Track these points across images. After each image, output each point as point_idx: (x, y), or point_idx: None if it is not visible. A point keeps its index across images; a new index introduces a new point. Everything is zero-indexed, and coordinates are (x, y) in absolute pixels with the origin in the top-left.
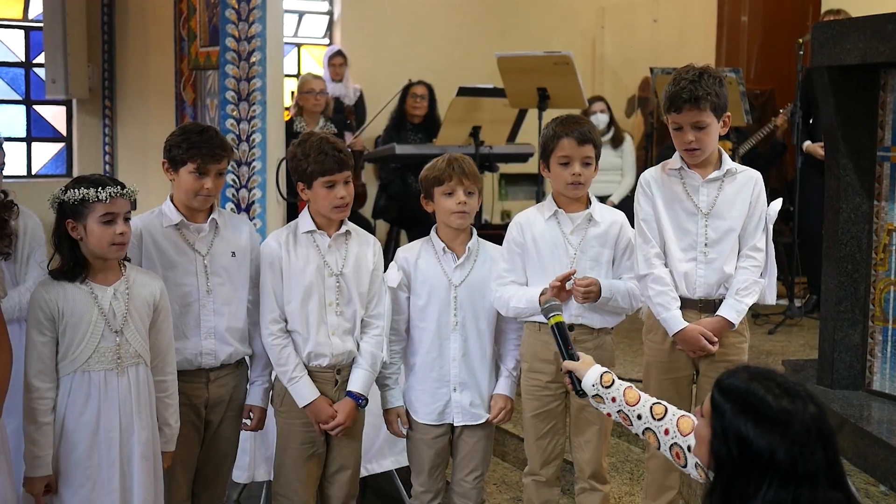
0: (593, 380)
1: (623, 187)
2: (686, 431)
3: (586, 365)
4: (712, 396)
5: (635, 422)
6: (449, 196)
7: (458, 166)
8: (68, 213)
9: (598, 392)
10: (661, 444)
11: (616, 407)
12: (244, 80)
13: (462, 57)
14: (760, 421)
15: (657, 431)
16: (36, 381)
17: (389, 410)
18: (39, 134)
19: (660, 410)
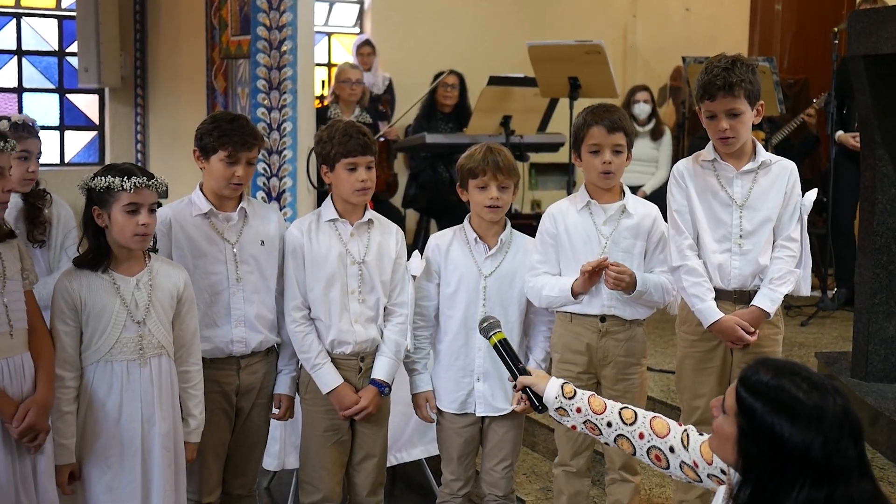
0: (555, 392)
1: (656, 179)
2: (662, 433)
3: (543, 378)
4: (739, 394)
5: (605, 430)
6: (482, 190)
7: (492, 160)
8: (95, 199)
9: (560, 405)
10: (636, 449)
11: (582, 418)
12: (275, 68)
13: (493, 46)
14: (795, 418)
15: (630, 437)
16: (59, 370)
17: (418, 395)
18: (72, 122)
19: (629, 415)
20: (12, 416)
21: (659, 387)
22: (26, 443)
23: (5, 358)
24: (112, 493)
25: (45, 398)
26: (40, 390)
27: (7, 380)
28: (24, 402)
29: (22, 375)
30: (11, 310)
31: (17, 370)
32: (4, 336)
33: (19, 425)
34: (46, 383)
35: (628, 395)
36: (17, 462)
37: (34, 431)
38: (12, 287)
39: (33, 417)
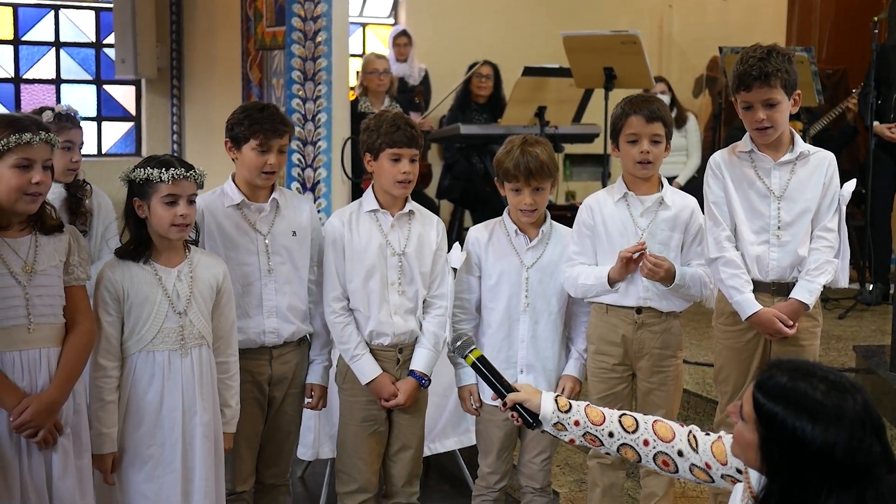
0: (551, 407)
1: (689, 168)
2: (667, 437)
3: (534, 393)
4: (756, 400)
5: (606, 440)
6: (516, 193)
7: (524, 165)
8: (135, 191)
9: (558, 419)
10: (641, 456)
11: (580, 431)
12: (310, 59)
13: (527, 36)
14: (815, 420)
15: (634, 445)
16: (102, 359)
17: (462, 388)
18: (109, 113)
19: (630, 422)
20: (12, 409)
21: (694, 379)
22: (26, 437)
23: (19, 350)
24: (153, 483)
25: (52, 397)
26: (50, 388)
27: (18, 373)
28: (26, 399)
29: (37, 370)
30: (34, 304)
31: (33, 364)
32: (21, 329)
33: (16, 419)
34: (60, 382)
35: (663, 387)
36: (25, 458)
37: (32, 427)
38: (41, 281)
39: (30, 414)
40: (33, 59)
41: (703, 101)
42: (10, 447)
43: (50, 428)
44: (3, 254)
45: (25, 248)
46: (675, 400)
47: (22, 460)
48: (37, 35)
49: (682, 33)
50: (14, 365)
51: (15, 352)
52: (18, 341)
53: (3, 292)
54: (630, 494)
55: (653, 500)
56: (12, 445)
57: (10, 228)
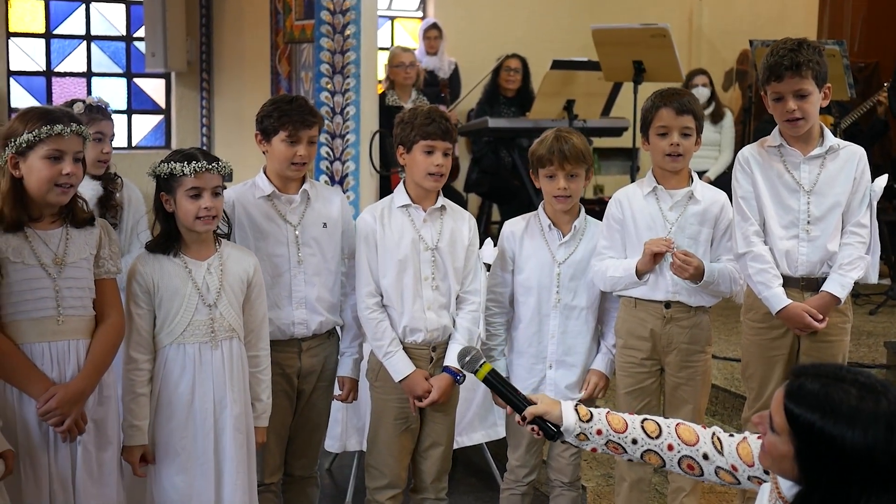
0: (574, 418)
1: (720, 164)
2: (691, 441)
3: (553, 405)
4: (789, 412)
5: (629, 448)
6: (550, 179)
7: (559, 149)
8: (162, 185)
9: (581, 430)
10: (665, 461)
11: (602, 440)
12: (338, 53)
13: (556, 29)
14: (854, 425)
15: (658, 450)
16: (134, 352)
17: None
18: (139, 106)
19: (653, 428)
20: (39, 397)
21: (723, 374)
22: (51, 424)
23: (48, 342)
24: (185, 475)
25: (79, 387)
26: (77, 378)
27: (48, 363)
28: (53, 387)
29: (65, 361)
30: (63, 296)
31: (62, 355)
32: (51, 321)
33: (41, 406)
34: (87, 373)
35: (692, 382)
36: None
37: (58, 415)
38: (70, 273)
39: (56, 402)
40: (64, 53)
41: (732, 95)
42: (39, 438)
43: (76, 418)
44: (34, 245)
45: (56, 240)
46: (703, 395)
47: (49, 451)
48: (68, 28)
49: (712, 26)
50: (43, 355)
51: (44, 343)
52: (47, 332)
53: (33, 283)
54: (657, 489)
55: (680, 495)
56: (41, 436)
57: (41, 220)
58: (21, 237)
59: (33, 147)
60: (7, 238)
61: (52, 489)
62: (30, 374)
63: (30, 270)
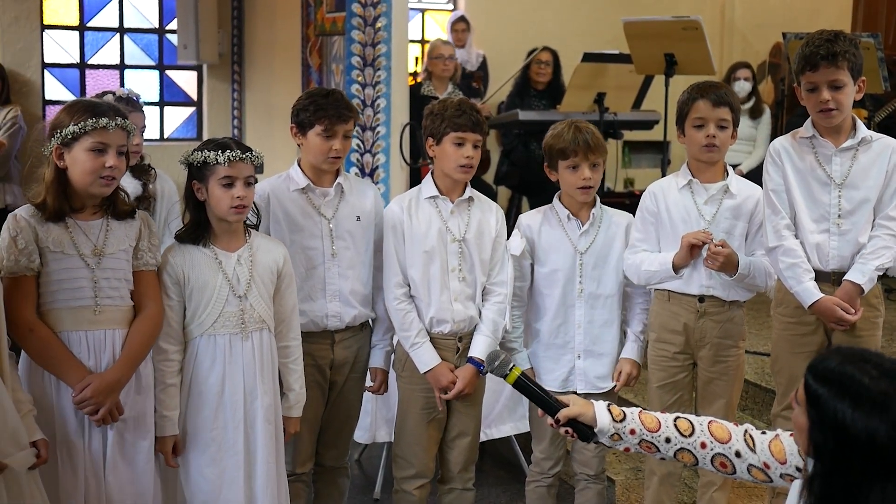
0: (607, 418)
1: (753, 158)
2: (724, 439)
3: (586, 406)
4: (806, 383)
5: (663, 447)
6: (574, 170)
7: (583, 140)
8: (194, 174)
9: (615, 430)
10: (698, 459)
11: (636, 439)
12: (369, 45)
13: (587, 22)
14: (858, 404)
15: (692, 448)
16: (164, 343)
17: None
18: (171, 98)
19: (686, 426)
20: (76, 384)
21: (753, 369)
22: (86, 413)
23: (85, 331)
24: (216, 466)
25: (114, 376)
26: (112, 368)
27: (84, 352)
28: (89, 376)
29: (101, 350)
30: (101, 287)
31: (99, 345)
32: (88, 310)
33: (77, 394)
34: (123, 363)
35: (724, 377)
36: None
37: (92, 404)
38: (109, 264)
39: (91, 391)
40: (98, 45)
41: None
42: (75, 425)
43: (111, 407)
44: (74, 236)
45: (96, 231)
46: (735, 390)
47: (84, 439)
48: (101, 21)
49: (745, 19)
50: (81, 344)
51: (81, 331)
52: (85, 322)
53: (72, 273)
54: (687, 483)
55: (710, 490)
56: (77, 424)
57: (83, 211)
58: (62, 227)
59: (78, 139)
60: (49, 228)
61: (86, 475)
62: (67, 363)
63: (69, 260)
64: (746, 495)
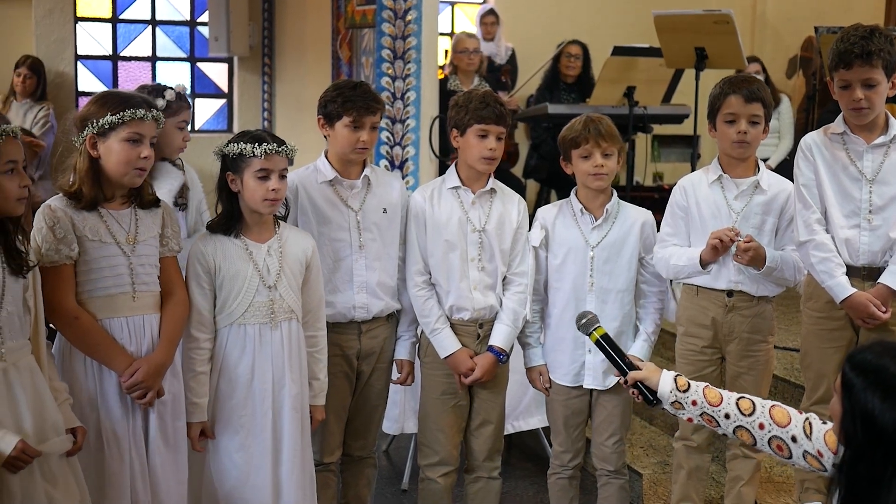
0: (669, 386)
1: (781, 150)
2: (783, 422)
3: (654, 371)
4: (843, 371)
5: (722, 422)
6: (586, 159)
7: (594, 128)
8: (228, 165)
9: (676, 398)
10: (756, 439)
11: (698, 410)
12: (399, 38)
13: (617, 15)
14: (887, 396)
15: (750, 428)
16: (195, 331)
17: (531, 369)
18: (202, 90)
19: (747, 405)
20: (123, 371)
21: (783, 364)
22: (135, 398)
23: (125, 317)
24: (244, 452)
25: (160, 359)
26: (157, 352)
27: (126, 338)
28: (136, 361)
29: (141, 335)
30: (136, 273)
31: (137, 330)
32: (126, 297)
33: (127, 379)
34: (165, 346)
35: (753, 372)
36: (130, 418)
37: (142, 388)
38: (142, 251)
39: (141, 375)
40: (130, 37)
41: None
42: (120, 409)
43: (157, 389)
44: (108, 224)
45: (127, 220)
46: (764, 385)
47: (128, 423)
48: (134, 13)
49: (776, 12)
50: (122, 330)
51: (121, 318)
52: (124, 308)
53: (111, 261)
54: (714, 478)
55: (738, 484)
56: (121, 407)
57: (113, 201)
58: (96, 216)
59: (115, 129)
60: (84, 216)
61: (130, 457)
62: (113, 349)
63: (106, 248)
64: (775, 490)
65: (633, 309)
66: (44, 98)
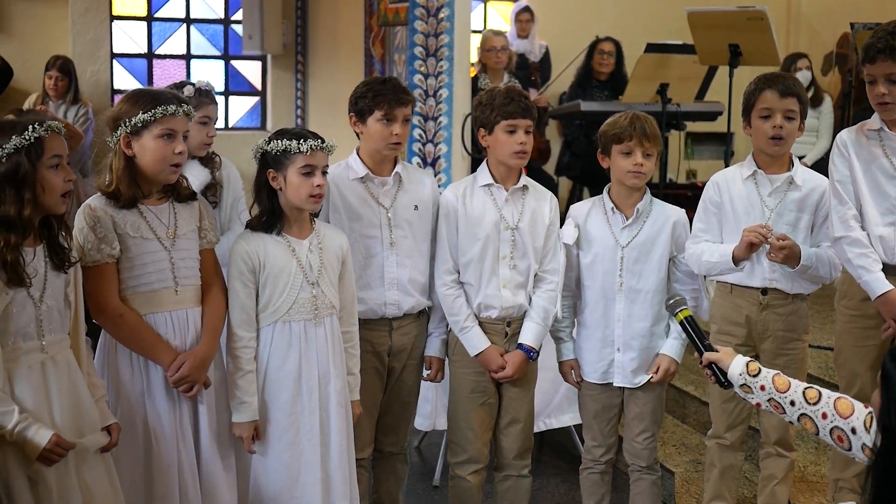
0: (739, 369)
1: (817, 149)
2: (846, 414)
3: (729, 355)
4: (883, 363)
5: (788, 409)
6: (626, 156)
7: (640, 126)
8: (270, 162)
9: (745, 381)
10: (819, 429)
11: (766, 395)
12: (432, 35)
13: (650, 12)
14: None
15: (814, 416)
16: (240, 330)
17: (563, 363)
18: (236, 88)
19: (813, 395)
20: (169, 365)
21: (817, 363)
22: (181, 391)
23: (169, 311)
24: (293, 450)
25: (205, 352)
26: (201, 345)
27: (170, 332)
28: (181, 355)
29: (185, 329)
30: (178, 267)
31: (181, 324)
32: (170, 291)
33: (174, 374)
34: (209, 339)
35: (787, 370)
36: (176, 411)
37: (188, 382)
38: (182, 245)
39: (187, 369)
40: (165, 35)
41: (832, 80)
42: (166, 404)
43: (203, 381)
44: (148, 220)
45: (166, 215)
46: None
47: (174, 414)
48: (169, 12)
49: (812, 8)
50: (167, 325)
51: (165, 313)
52: (167, 303)
53: (153, 257)
54: (747, 477)
55: (771, 483)
56: (167, 401)
57: (150, 197)
58: (136, 213)
59: (147, 126)
60: (124, 214)
61: (178, 451)
62: (159, 345)
63: (148, 244)
64: (808, 490)
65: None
66: (77, 99)
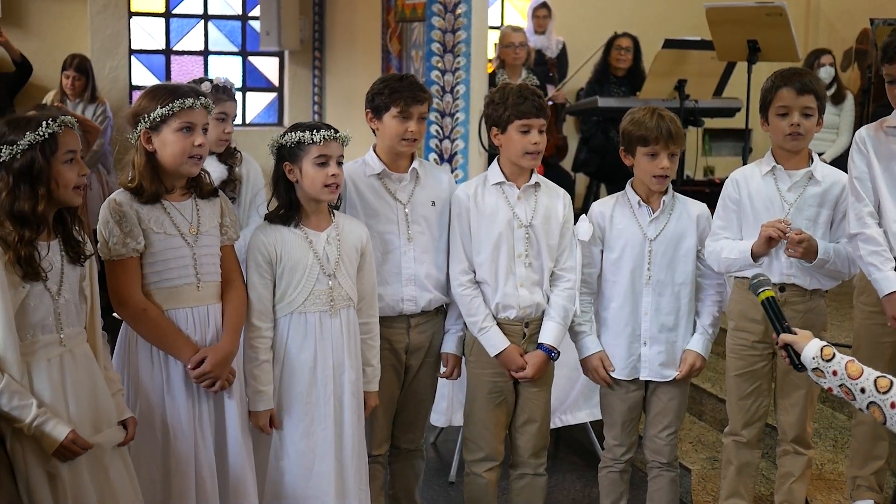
0: (813, 353)
1: (837, 146)
2: None
3: (805, 338)
4: None
5: (858, 396)
6: (652, 158)
7: (665, 128)
8: (286, 155)
9: (817, 366)
10: (886, 418)
11: (837, 381)
12: (449, 31)
13: (668, 8)
14: None
15: (883, 405)
16: (256, 321)
17: (590, 357)
18: (253, 84)
19: (885, 384)
20: (190, 360)
21: None
22: (204, 386)
23: (190, 307)
24: (309, 440)
25: (227, 348)
26: (223, 340)
27: (192, 328)
28: (203, 349)
29: (206, 325)
30: (200, 263)
31: (202, 319)
32: (191, 287)
33: (195, 368)
34: (230, 334)
35: None
36: (195, 407)
37: (210, 377)
38: (204, 241)
39: (209, 365)
40: (183, 32)
41: (851, 76)
42: (185, 398)
43: (226, 377)
44: (171, 216)
45: (189, 211)
46: None
47: (193, 411)
48: (186, 8)
49: (831, 4)
50: (188, 321)
51: (187, 308)
52: (189, 299)
53: (176, 252)
54: (763, 475)
55: (789, 481)
56: (187, 396)
57: (173, 192)
58: (159, 209)
59: (166, 121)
60: (147, 210)
61: (196, 446)
62: (180, 340)
63: (171, 240)
64: (826, 488)
65: (692, 303)
66: (94, 98)
